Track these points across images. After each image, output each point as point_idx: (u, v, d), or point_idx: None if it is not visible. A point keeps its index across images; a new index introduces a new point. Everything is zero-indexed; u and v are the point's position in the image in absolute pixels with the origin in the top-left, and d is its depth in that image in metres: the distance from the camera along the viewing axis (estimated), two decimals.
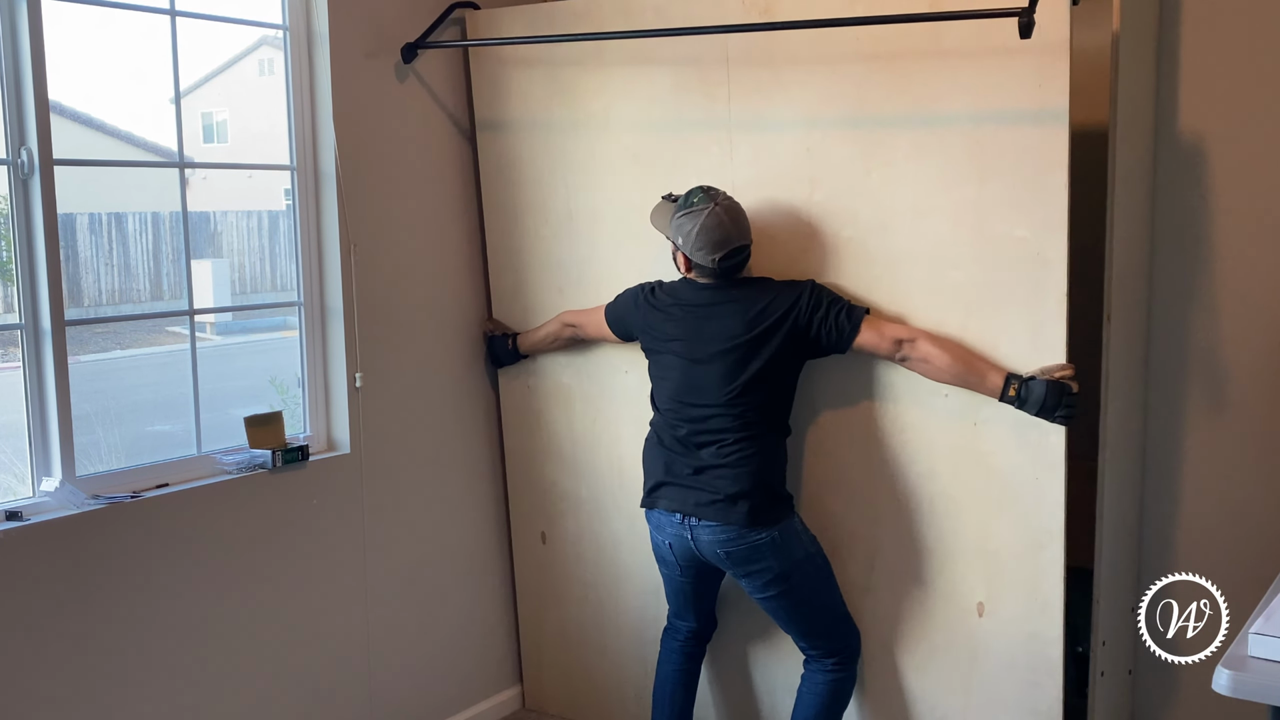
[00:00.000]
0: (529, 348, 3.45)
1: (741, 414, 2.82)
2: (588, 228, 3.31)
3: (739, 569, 2.86)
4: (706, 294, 2.89)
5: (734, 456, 2.81)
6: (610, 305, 3.16)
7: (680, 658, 3.17)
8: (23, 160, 2.59)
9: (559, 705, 3.72)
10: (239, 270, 3.26)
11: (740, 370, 2.81)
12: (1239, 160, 2.95)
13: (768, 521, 2.81)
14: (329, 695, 3.20)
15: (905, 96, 2.74)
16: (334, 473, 3.17)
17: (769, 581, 2.85)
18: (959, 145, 2.68)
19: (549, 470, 3.55)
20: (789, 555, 2.83)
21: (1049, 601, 2.74)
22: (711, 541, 2.83)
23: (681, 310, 2.92)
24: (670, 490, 2.91)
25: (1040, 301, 2.62)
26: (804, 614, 2.92)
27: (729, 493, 2.80)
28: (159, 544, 2.76)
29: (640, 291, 3.06)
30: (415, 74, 3.34)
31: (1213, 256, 2.99)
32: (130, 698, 2.72)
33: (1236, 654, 1.86)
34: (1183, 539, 3.11)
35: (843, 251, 2.88)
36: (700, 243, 2.80)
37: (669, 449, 2.92)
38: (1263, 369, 2.97)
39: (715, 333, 2.85)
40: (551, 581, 3.63)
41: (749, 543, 2.80)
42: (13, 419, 2.65)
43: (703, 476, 2.84)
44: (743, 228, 2.83)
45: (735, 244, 2.81)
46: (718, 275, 2.85)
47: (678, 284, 2.97)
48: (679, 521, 2.88)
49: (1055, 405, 2.60)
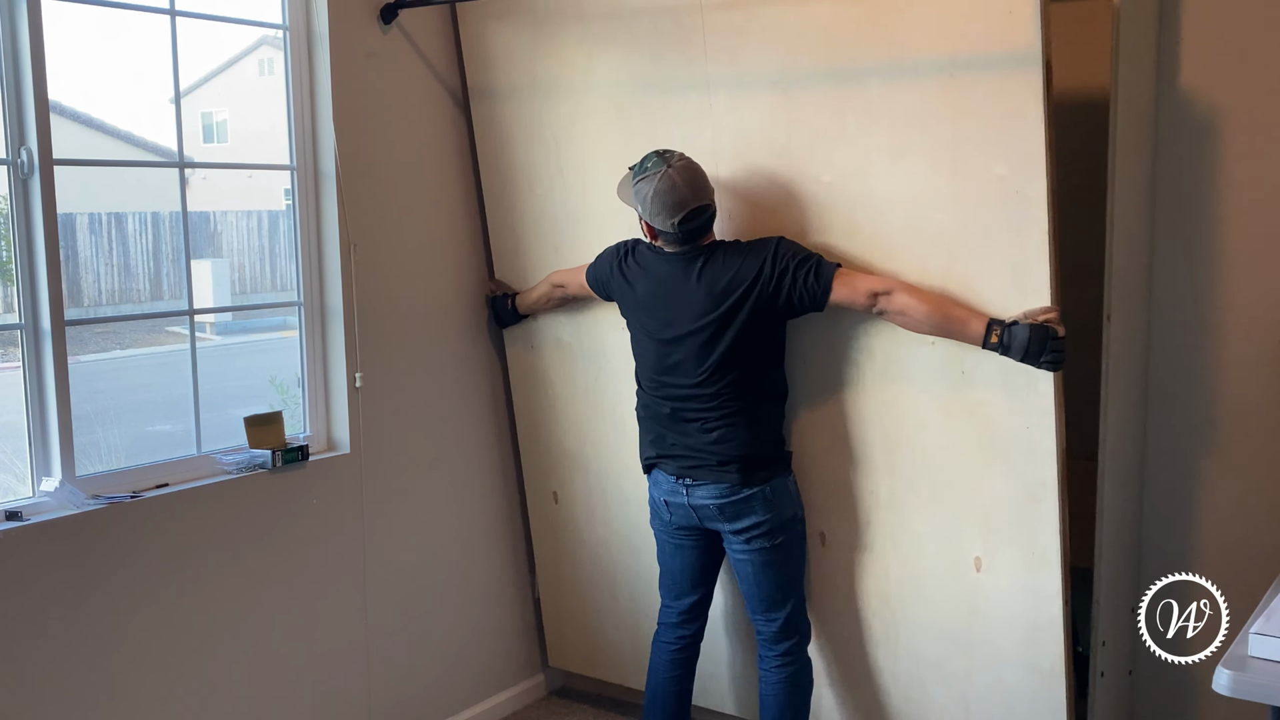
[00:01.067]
0: (526, 308, 3.47)
1: (720, 392, 2.82)
2: (577, 183, 3.30)
3: (730, 524, 2.89)
4: (671, 265, 2.85)
5: (719, 432, 2.84)
6: (591, 265, 3.14)
7: (671, 660, 3.13)
8: (23, 160, 2.59)
9: (581, 664, 3.78)
10: (239, 270, 3.27)
11: (711, 349, 2.80)
12: (1243, 149, 2.92)
13: (761, 480, 2.86)
14: (328, 695, 3.20)
15: (876, 34, 2.69)
16: (334, 473, 3.17)
17: (756, 535, 2.88)
18: (933, 83, 2.63)
19: (556, 431, 3.58)
20: (779, 512, 2.88)
21: (1047, 556, 2.70)
22: (705, 496, 2.88)
23: (647, 284, 2.90)
24: (664, 460, 2.96)
25: (1022, 240, 2.56)
26: (777, 579, 2.93)
27: (720, 459, 2.85)
28: (159, 544, 2.76)
29: (616, 254, 3.03)
30: (412, 71, 3.33)
31: (1214, 256, 2.99)
32: (130, 697, 2.72)
33: (1236, 654, 1.86)
34: (1183, 539, 3.11)
35: (822, 198, 2.84)
36: (656, 207, 2.75)
37: (657, 423, 2.95)
38: (1263, 369, 2.97)
39: (682, 311, 2.82)
40: (566, 540, 3.67)
41: (741, 496, 2.85)
42: (13, 419, 2.65)
43: (692, 446, 2.88)
44: (700, 188, 2.77)
45: (692, 205, 2.75)
46: (681, 240, 2.81)
47: (647, 253, 2.94)
48: (675, 481, 2.93)
49: (1040, 350, 2.53)
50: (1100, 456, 2.83)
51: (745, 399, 2.84)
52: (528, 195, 3.43)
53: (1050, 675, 2.77)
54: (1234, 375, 3.00)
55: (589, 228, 3.30)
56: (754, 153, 2.94)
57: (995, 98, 2.55)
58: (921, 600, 2.96)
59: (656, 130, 3.05)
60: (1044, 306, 2.56)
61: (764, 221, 2.93)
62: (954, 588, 2.89)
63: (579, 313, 3.40)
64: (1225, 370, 3.01)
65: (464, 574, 3.60)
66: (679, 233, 2.78)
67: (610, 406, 3.41)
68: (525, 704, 3.83)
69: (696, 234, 2.81)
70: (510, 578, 3.77)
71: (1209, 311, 3.02)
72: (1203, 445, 3.07)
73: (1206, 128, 2.96)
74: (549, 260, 3.43)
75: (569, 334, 3.46)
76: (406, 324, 3.35)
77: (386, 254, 3.28)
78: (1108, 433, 2.82)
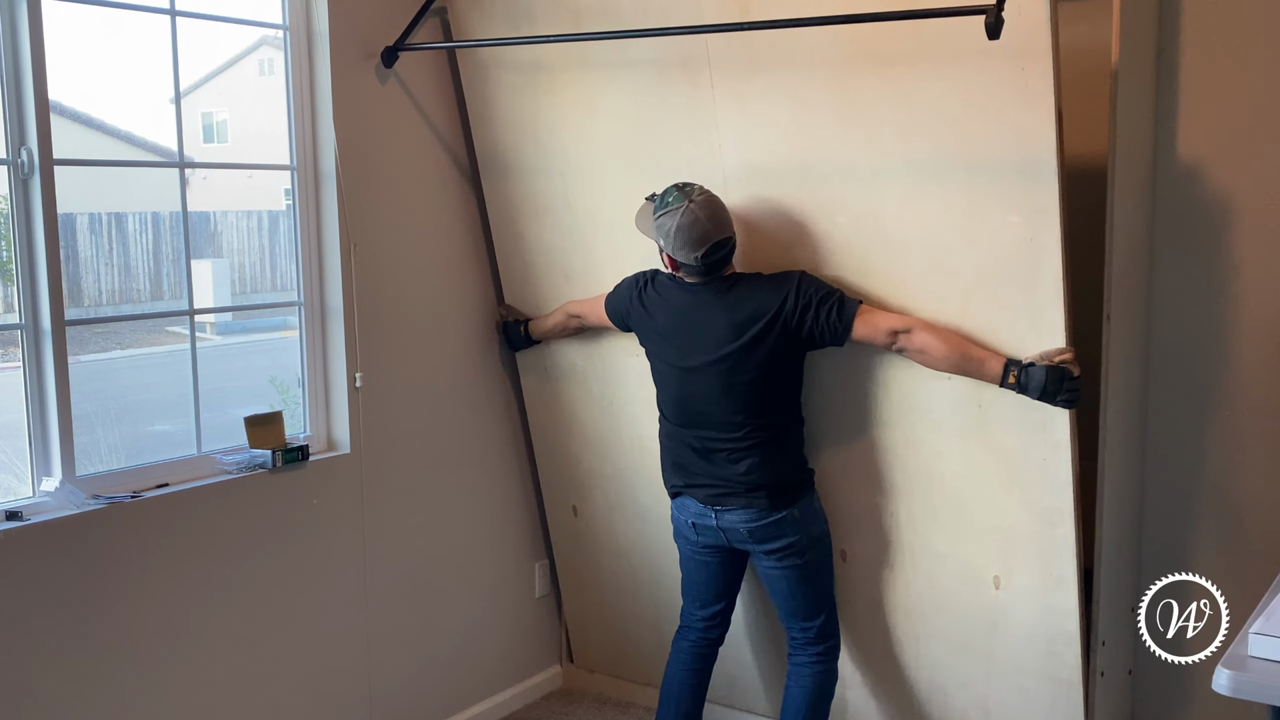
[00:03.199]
0: (540, 335, 3.49)
1: (745, 421, 2.85)
2: (586, 214, 3.31)
3: (761, 545, 2.93)
4: (692, 295, 2.89)
5: (747, 462, 2.87)
6: (609, 296, 3.16)
7: (690, 658, 3.16)
8: (23, 160, 2.59)
9: (606, 665, 3.84)
10: (239, 270, 3.26)
11: (733, 379, 2.83)
12: (1238, 172, 2.94)
13: (788, 502, 2.89)
14: (328, 695, 3.20)
15: (888, 87, 2.70)
16: (334, 473, 3.17)
17: (788, 554, 2.92)
18: (947, 133, 2.65)
19: (573, 448, 3.61)
20: (808, 530, 2.93)
21: (1064, 577, 2.76)
22: (735, 520, 2.91)
23: (668, 313, 2.94)
24: (692, 489, 2.98)
25: (1037, 284, 2.59)
26: (810, 591, 2.98)
27: (749, 486, 2.88)
28: (159, 544, 2.76)
29: (635, 284, 3.05)
30: (410, 71, 3.33)
31: (1213, 256, 2.99)
32: (130, 697, 2.72)
33: (1236, 654, 1.86)
34: (1183, 539, 3.11)
35: (837, 238, 2.86)
36: (680, 241, 2.79)
37: (682, 453, 2.98)
38: (1263, 369, 2.96)
39: (704, 341, 2.85)
40: (587, 551, 3.72)
41: (771, 520, 2.88)
42: (13, 419, 2.65)
43: (720, 476, 2.91)
44: (721, 221, 2.81)
45: (715, 239, 2.79)
46: (703, 273, 2.85)
47: (667, 282, 2.97)
48: (703, 506, 2.96)
49: (1056, 390, 2.58)
50: (1100, 456, 2.83)
51: (769, 427, 2.87)
52: (537, 224, 3.42)
53: (1069, 684, 2.85)
54: (1234, 375, 3.00)
55: (601, 257, 3.30)
56: (767, 189, 2.95)
57: (1009, 149, 2.56)
58: (942, 614, 3.02)
59: (664, 169, 3.05)
60: (1060, 348, 2.61)
61: (778, 263, 2.95)
62: (974, 604, 2.95)
63: (591, 341, 3.42)
64: (1225, 370, 3.01)
65: (464, 574, 3.60)
66: (701, 265, 2.82)
67: (628, 426, 3.43)
68: (526, 704, 3.83)
69: (718, 266, 2.85)
70: (511, 579, 3.77)
71: (1209, 312, 3.01)
72: (1203, 445, 3.07)
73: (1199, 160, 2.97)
74: (559, 288, 3.44)
75: (582, 360, 3.47)
76: (406, 324, 3.35)
77: (386, 254, 3.28)
78: (1108, 433, 2.82)
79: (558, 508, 3.76)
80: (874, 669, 3.20)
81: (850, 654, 3.22)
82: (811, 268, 2.90)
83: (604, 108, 3.17)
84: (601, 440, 3.53)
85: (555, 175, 3.32)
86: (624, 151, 3.17)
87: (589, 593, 3.79)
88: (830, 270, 2.90)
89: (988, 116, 2.57)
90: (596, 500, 3.63)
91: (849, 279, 2.87)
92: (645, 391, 3.26)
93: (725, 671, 3.48)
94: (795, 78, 2.83)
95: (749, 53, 2.88)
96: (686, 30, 2.85)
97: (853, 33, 2.69)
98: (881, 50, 2.67)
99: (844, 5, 2.60)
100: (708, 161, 3.01)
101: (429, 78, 3.40)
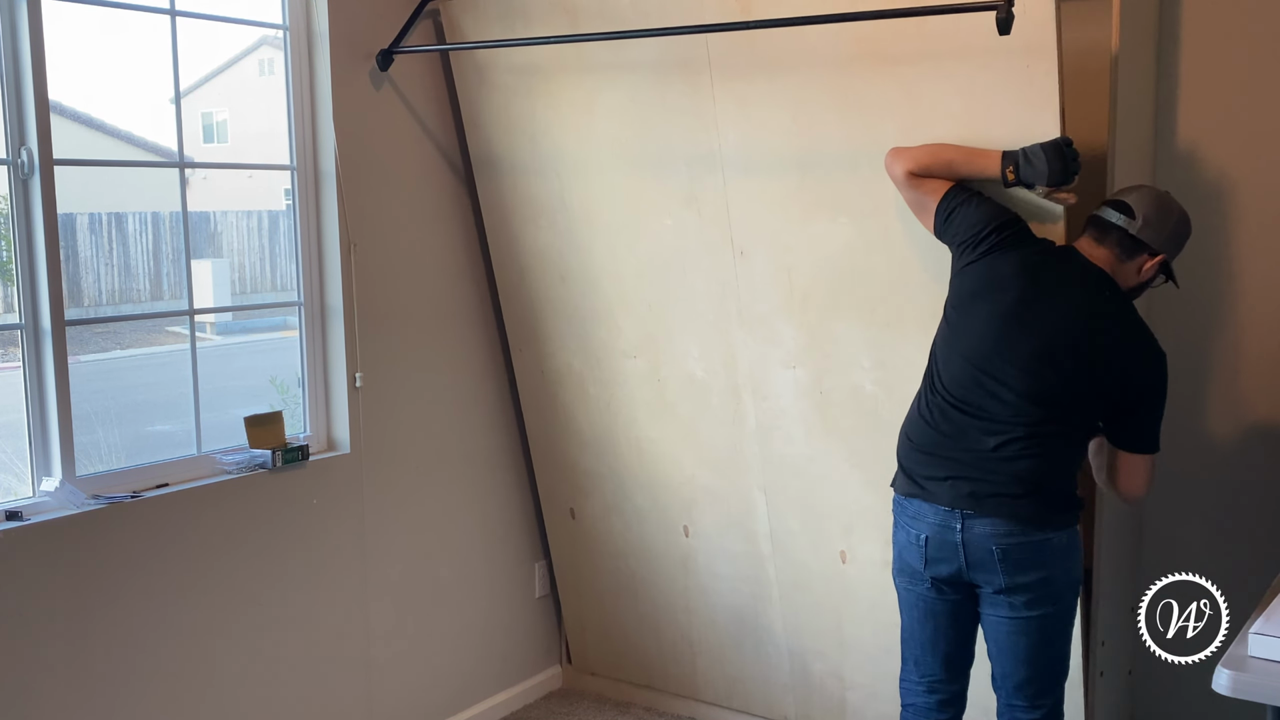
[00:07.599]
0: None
1: (1049, 416, 2.37)
2: (582, 216, 3.30)
3: (1010, 577, 2.36)
4: (1064, 276, 2.43)
5: (1027, 462, 2.36)
6: (984, 199, 2.51)
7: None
8: (23, 160, 2.59)
9: (605, 667, 3.83)
10: (239, 270, 3.26)
11: (1058, 373, 2.36)
12: (1239, 162, 2.94)
13: (1059, 524, 2.38)
14: (328, 694, 3.20)
15: (892, 87, 2.69)
16: (334, 473, 3.17)
17: (1039, 598, 2.37)
18: (950, 132, 2.62)
19: (571, 450, 3.61)
20: (1068, 570, 2.41)
21: None
22: (987, 535, 2.36)
23: (1026, 274, 2.42)
24: (935, 484, 2.42)
25: None
26: (1050, 656, 2.45)
27: (1017, 488, 2.35)
28: (159, 544, 2.76)
29: (1011, 222, 2.48)
30: (407, 72, 3.33)
31: (1214, 256, 2.99)
32: (130, 697, 2.72)
33: (1236, 654, 1.86)
34: (1183, 539, 3.11)
35: (839, 238, 2.85)
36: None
37: (942, 431, 2.43)
38: (1262, 369, 2.97)
39: (1046, 321, 2.39)
40: (585, 553, 3.72)
41: (1034, 541, 2.35)
42: (13, 419, 2.65)
43: (985, 467, 2.37)
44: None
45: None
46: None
47: (1039, 246, 2.47)
48: (946, 511, 2.40)
49: (1062, 166, 2.36)
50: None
51: (1069, 429, 2.41)
52: (532, 226, 3.42)
53: (1069, 684, 2.78)
54: (1233, 374, 3.00)
55: (598, 259, 3.29)
56: (768, 190, 2.94)
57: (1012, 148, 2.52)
58: None
59: (663, 169, 3.05)
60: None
61: (780, 257, 2.94)
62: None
63: (589, 343, 3.41)
64: (1226, 363, 3.01)
65: (464, 574, 3.60)
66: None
67: (624, 428, 3.43)
68: (525, 704, 3.83)
69: None
70: (510, 579, 3.77)
71: (1208, 311, 3.01)
72: (1202, 445, 3.07)
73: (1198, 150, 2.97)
74: (555, 291, 3.42)
75: (579, 363, 3.46)
76: (406, 324, 3.35)
77: (387, 254, 3.28)
78: None
79: (555, 510, 3.76)
80: (874, 669, 3.18)
81: (850, 654, 3.21)
82: (812, 267, 2.90)
83: (602, 109, 3.16)
84: (599, 442, 3.52)
85: (551, 177, 3.32)
86: (622, 153, 3.17)
87: (587, 594, 3.79)
88: (831, 270, 2.89)
89: (992, 116, 2.56)
90: (594, 502, 3.62)
91: (849, 279, 2.86)
92: (642, 394, 3.26)
93: (725, 672, 3.49)
94: (797, 77, 2.83)
95: (750, 53, 2.87)
96: (686, 30, 2.85)
97: (856, 31, 2.69)
98: (885, 49, 2.67)
99: (847, 3, 2.60)
100: (708, 163, 3.01)
101: (425, 78, 3.40)
